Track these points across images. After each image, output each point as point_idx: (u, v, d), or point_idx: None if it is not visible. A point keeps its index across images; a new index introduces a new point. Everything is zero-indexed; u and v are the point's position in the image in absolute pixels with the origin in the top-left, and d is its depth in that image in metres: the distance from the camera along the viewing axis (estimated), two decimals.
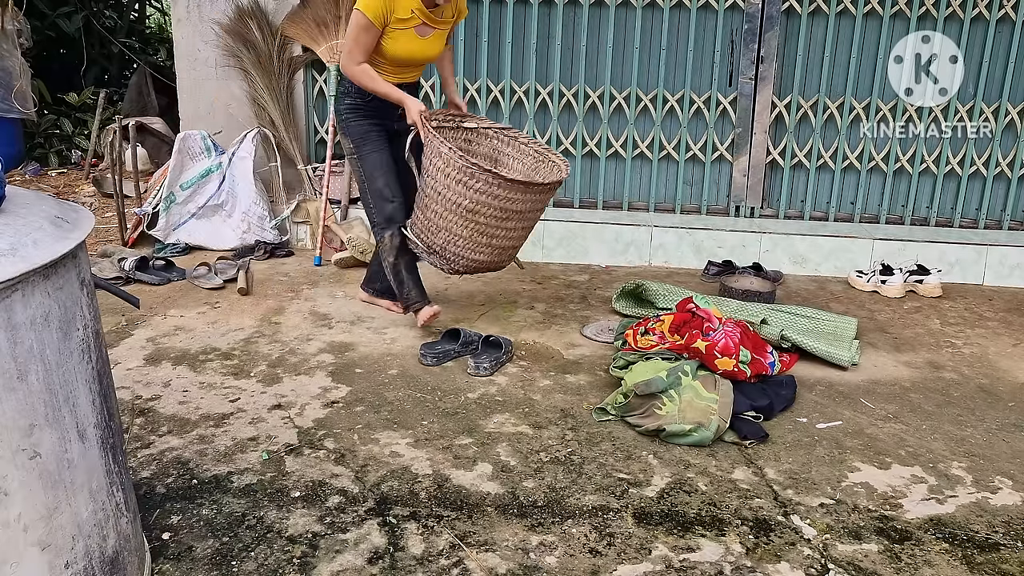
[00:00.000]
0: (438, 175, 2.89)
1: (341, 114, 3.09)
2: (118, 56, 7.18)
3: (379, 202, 3.08)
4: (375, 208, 3.11)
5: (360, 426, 2.53)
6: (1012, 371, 3.12)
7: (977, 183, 4.37)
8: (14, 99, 5.48)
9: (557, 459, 2.37)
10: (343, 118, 3.09)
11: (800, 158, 4.37)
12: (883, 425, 2.65)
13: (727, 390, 2.56)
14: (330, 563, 1.88)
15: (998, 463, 2.43)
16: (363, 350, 3.11)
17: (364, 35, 2.88)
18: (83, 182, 5.64)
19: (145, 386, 2.76)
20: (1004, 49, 4.17)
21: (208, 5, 4.39)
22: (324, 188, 4.27)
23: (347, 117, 3.07)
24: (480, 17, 4.34)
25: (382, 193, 3.06)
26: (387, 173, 3.08)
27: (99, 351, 1.55)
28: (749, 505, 2.17)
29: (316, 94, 4.55)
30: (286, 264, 4.20)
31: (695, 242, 4.32)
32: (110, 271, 3.81)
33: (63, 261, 1.39)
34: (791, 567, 1.93)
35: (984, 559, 1.98)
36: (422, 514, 2.08)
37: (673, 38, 4.31)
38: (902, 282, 3.95)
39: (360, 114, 3.04)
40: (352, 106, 3.05)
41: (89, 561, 1.49)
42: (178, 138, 4.32)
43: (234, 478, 2.22)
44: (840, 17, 4.21)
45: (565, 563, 1.91)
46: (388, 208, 3.09)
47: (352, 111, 3.05)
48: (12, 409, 1.31)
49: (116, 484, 1.59)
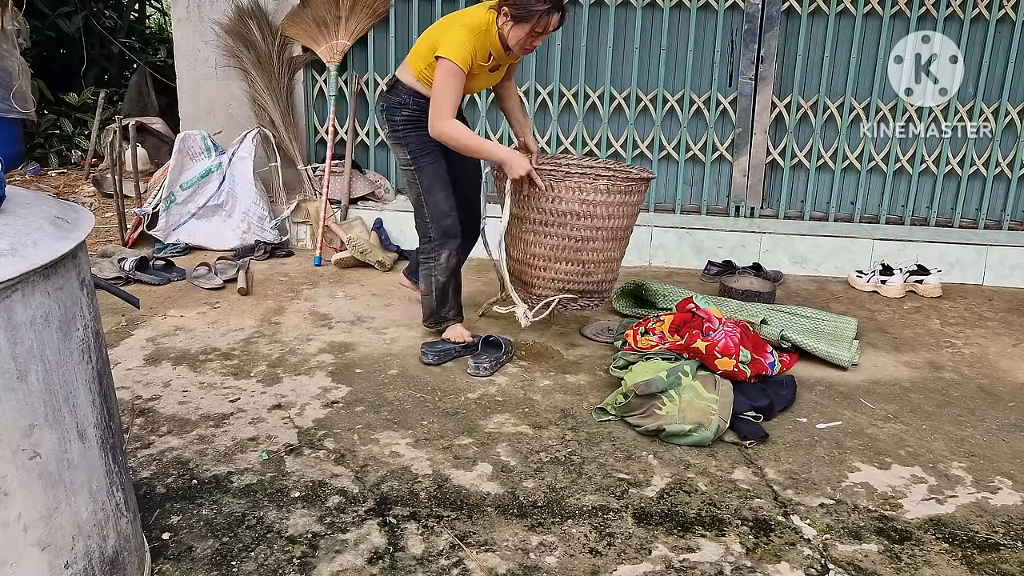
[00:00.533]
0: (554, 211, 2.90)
1: (397, 126, 2.95)
2: (118, 56, 7.18)
3: (437, 216, 2.96)
4: (432, 222, 2.98)
5: (360, 426, 2.53)
6: (1012, 371, 3.12)
7: (977, 183, 4.37)
8: (14, 99, 5.48)
9: (557, 459, 2.37)
10: (399, 130, 2.95)
11: (800, 158, 4.38)
12: (883, 425, 2.65)
13: (727, 390, 2.56)
14: (330, 563, 1.88)
15: (998, 463, 2.43)
16: (363, 350, 3.11)
17: (456, 82, 2.75)
18: (83, 182, 5.64)
19: (145, 386, 2.76)
20: (1004, 49, 4.17)
21: (208, 5, 4.39)
22: (324, 188, 4.27)
23: (404, 129, 2.94)
24: None
25: (440, 207, 2.95)
26: (446, 186, 2.98)
27: (99, 351, 1.55)
28: (749, 505, 2.17)
29: (316, 94, 4.55)
30: (286, 264, 4.20)
31: (695, 242, 4.32)
32: (110, 271, 3.81)
33: (63, 261, 1.39)
34: (791, 567, 1.93)
35: (984, 559, 1.98)
36: (422, 514, 2.08)
37: (673, 38, 4.31)
38: (902, 282, 3.95)
39: (418, 126, 2.90)
40: (410, 118, 2.92)
41: (89, 561, 1.49)
42: (178, 138, 4.32)
43: (234, 478, 2.22)
44: (840, 17, 4.21)
45: (565, 563, 1.91)
46: (446, 223, 2.98)
47: (409, 124, 2.92)
48: (12, 409, 1.31)
49: (116, 484, 1.59)
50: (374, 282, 3.93)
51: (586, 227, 2.92)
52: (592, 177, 2.88)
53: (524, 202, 2.94)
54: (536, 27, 2.75)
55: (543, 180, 2.88)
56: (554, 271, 2.96)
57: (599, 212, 2.91)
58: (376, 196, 4.52)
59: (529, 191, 2.90)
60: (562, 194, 2.78)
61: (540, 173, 2.89)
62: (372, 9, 4.34)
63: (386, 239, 4.34)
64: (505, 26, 2.78)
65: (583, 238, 2.93)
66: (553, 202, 2.82)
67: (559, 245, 2.94)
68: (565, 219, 2.90)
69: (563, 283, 3.02)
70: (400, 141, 2.96)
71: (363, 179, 4.51)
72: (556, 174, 2.88)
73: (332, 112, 4.39)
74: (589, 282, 3.05)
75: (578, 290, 3.05)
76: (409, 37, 4.40)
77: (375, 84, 4.48)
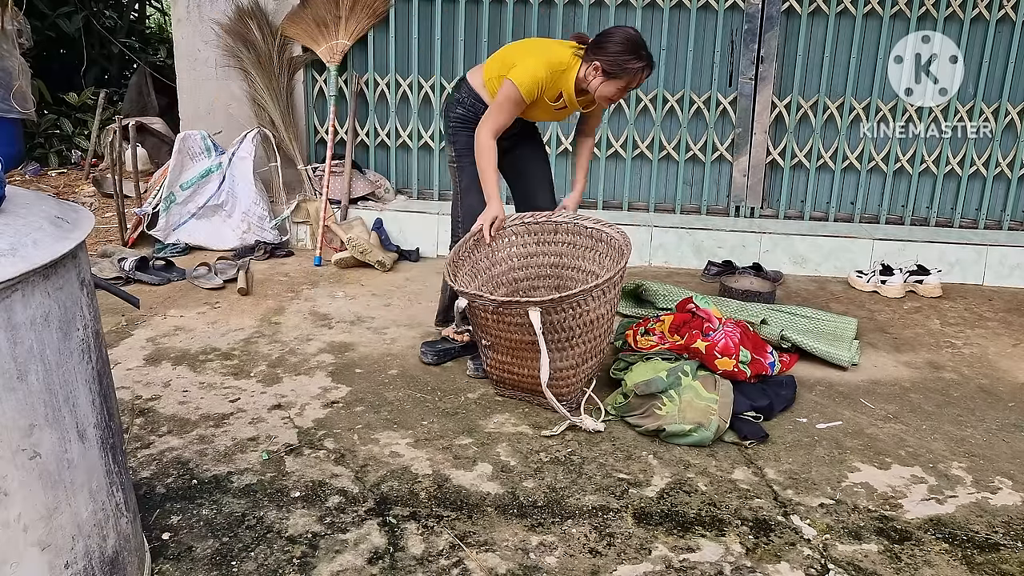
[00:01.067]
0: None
1: (450, 122, 2.98)
2: (118, 56, 7.18)
3: (468, 218, 2.98)
4: (463, 221, 3.00)
5: (360, 426, 2.53)
6: (1012, 371, 3.12)
7: (977, 183, 4.37)
8: (14, 99, 5.47)
9: (557, 459, 2.37)
10: (451, 126, 2.99)
11: (800, 158, 4.38)
12: (883, 425, 2.65)
13: (727, 390, 2.56)
14: (330, 563, 1.88)
15: (998, 463, 2.43)
16: (363, 350, 3.11)
17: (512, 107, 2.76)
18: (83, 182, 5.64)
19: (145, 386, 2.76)
20: (1004, 49, 4.17)
21: (208, 5, 4.39)
22: (324, 188, 4.27)
23: (456, 127, 2.96)
24: (480, 17, 4.34)
25: (474, 210, 2.95)
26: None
27: (99, 351, 1.55)
28: (749, 505, 2.17)
29: (316, 94, 4.55)
30: (286, 264, 4.20)
31: (695, 242, 4.32)
32: (110, 271, 3.81)
33: (63, 261, 1.39)
34: (791, 567, 1.93)
35: (984, 559, 1.98)
36: (422, 514, 2.08)
37: (673, 38, 4.31)
38: (902, 282, 3.95)
39: (468, 127, 2.92)
40: (462, 117, 2.94)
41: (89, 561, 1.49)
42: (178, 138, 4.32)
43: (234, 478, 2.22)
44: (840, 17, 4.21)
45: (565, 563, 1.91)
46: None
47: (461, 122, 2.94)
48: (12, 409, 1.31)
49: (116, 484, 1.59)
50: (374, 282, 3.93)
51: (607, 327, 2.73)
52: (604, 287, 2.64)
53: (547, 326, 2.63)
54: (630, 84, 2.75)
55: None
56: (582, 372, 2.71)
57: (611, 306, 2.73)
58: (376, 196, 4.53)
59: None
60: (591, 305, 2.57)
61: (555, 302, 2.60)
62: (372, 9, 4.34)
63: (386, 239, 4.34)
64: (594, 80, 2.74)
65: (605, 332, 2.72)
66: (583, 316, 2.57)
67: (585, 350, 2.67)
68: (594, 325, 2.64)
69: (592, 375, 2.78)
70: (450, 137, 3.00)
71: (363, 179, 4.51)
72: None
73: (332, 112, 4.39)
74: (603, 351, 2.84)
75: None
76: (409, 37, 4.41)
77: (375, 84, 4.48)
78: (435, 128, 4.51)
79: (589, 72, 2.74)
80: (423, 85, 4.45)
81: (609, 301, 2.64)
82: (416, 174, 4.62)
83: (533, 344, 2.56)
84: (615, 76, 2.70)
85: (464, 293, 2.65)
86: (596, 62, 2.71)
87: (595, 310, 2.58)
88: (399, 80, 4.47)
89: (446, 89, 4.42)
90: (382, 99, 4.52)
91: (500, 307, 2.56)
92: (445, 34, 4.40)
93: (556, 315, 2.53)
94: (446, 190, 4.61)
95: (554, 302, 2.51)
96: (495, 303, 2.57)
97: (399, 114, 4.53)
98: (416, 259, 4.33)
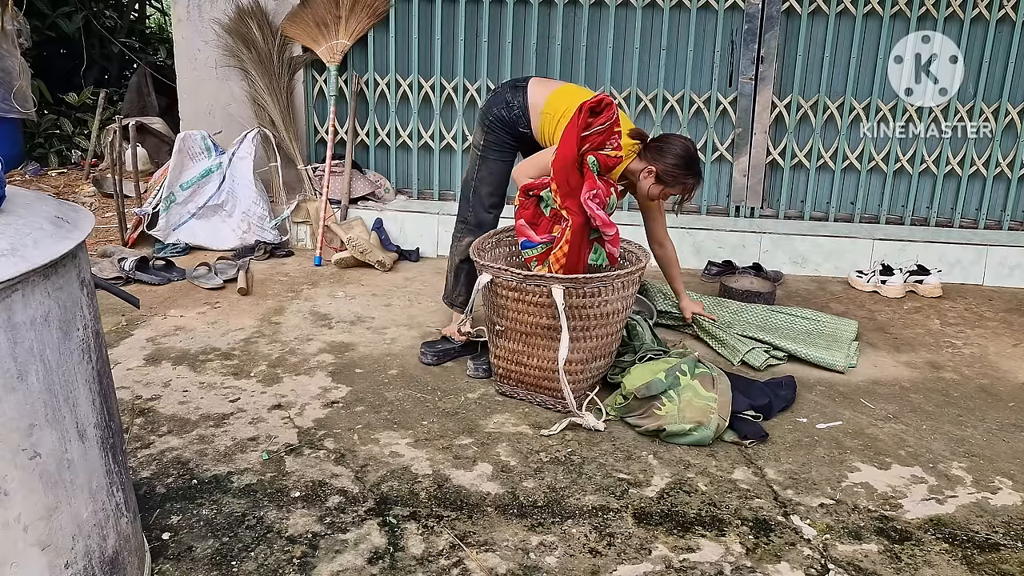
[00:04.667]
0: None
1: (490, 115, 2.98)
2: (118, 56, 7.18)
3: (478, 207, 3.03)
4: (472, 209, 3.05)
5: (360, 426, 2.53)
6: (1012, 371, 3.12)
7: (977, 183, 4.37)
8: (14, 99, 5.47)
9: (557, 459, 2.37)
10: (489, 118, 2.99)
11: (800, 158, 4.37)
12: (883, 425, 2.65)
13: (725, 388, 2.57)
14: (330, 563, 1.88)
15: (998, 463, 2.43)
16: (363, 350, 3.11)
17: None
18: (83, 182, 5.64)
19: (145, 386, 2.76)
20: (1004, 49, 4.17)
21: (208, 5, 4.39)
22: (324, 188, 4.27)
23: (492, 122, 2.98)
24: (480, 17, 4.34)
25: (485, 201, 3.02)
26: (500, 185, 3.04)
27: (99, 351, 1.55)
28: (749, 505, 2.17)
29: (316, 94, 4.55)
30: (286, 264, 4.20)
31: (695, 242, 4.32)
32: (110, 271, 3.81)
33: (63, 261, 1.39)
34: (791, 567, 1.93)
35: (984, 559, 1.98)
36: (422, 514, 2.08)
37: (673, 38, 4.31)
38: (902, 282, 3.95)
39: (506, 130, 2.95)
40: (505, 120, 2.94)
41: (89, 561, 1.49)
42: (178, 138, 4.32)
43: (234, 478, 2.22)
44: (840, 17, 4.21)
45: (565, 563, 1.91)
46: (485, 216, 3.05)
47: (500, 123, 2.95)
48: (12, 409, 1.31)
49: (116, 484, 1.59)
50: (374, 282, 3.93)
51: (620, 320, 2.75)
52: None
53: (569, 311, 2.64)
54: (679, 193, 2.85)
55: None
56: (590, 371, 2.72)
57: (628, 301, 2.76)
58: (376, 196, 4.52)
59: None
60: (609, 296, 2.60)
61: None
62: (372, 9, 4.34)
63: (386, 239, 4.34)
64: (645, 180, 2.82)
65: (616, 333, 2.76)
66: (600, 306, 2.61)
67: (596, 346, 2.69)
68: (609, 319, 2.67)
69: (596, 379, 2.79)
70: (484, 126, 3.01)
71: (363, 179, 4.51)
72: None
73: (332, 112, 4.39)
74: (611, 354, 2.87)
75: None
76: (409, 37, 4.41)
77: (375, 84, 4.48)
78: (435, 128, 4.51)
79: (644, 173, 2.81)
80: (423, 85, 4.45)
81: (625, 299, 2.68)
82: (416, 174, 4.62)
83: (548, 329, 2.60)
84: (667, 185, 2.80)
85: (489, 267, 2.68)
86: (652, 168, 2.78)
87: (612, 303, 2.62)
88: (399, 80, 4.47)
89: (446, 89, 4.42)
90: (382, 99, 4.52)
91: (523, 282, 2.59)
92: (445, 34, 4.40)
93: (576, 299, 2.56)
94: (446, 190, 4.61)
95: (577, 283, 2.55)
96: (520, 277, 2.60)
97: (399, 114, 4.53)
98: (416, 259, 4.33)
